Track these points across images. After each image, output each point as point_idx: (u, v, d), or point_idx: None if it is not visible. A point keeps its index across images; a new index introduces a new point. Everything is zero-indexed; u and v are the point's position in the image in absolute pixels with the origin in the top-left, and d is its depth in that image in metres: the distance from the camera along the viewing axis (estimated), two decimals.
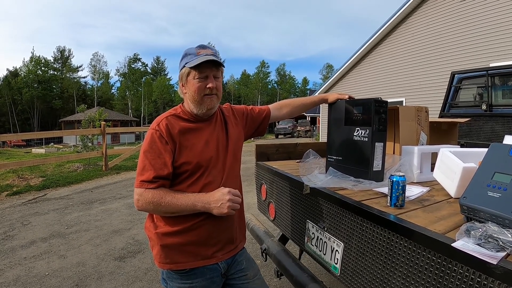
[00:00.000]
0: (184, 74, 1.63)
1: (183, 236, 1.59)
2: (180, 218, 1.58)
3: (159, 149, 1.54)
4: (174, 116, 1.66)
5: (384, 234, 1.39)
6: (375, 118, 1.91)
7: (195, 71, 1.59)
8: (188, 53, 1.63)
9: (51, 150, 24.92)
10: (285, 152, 3.12)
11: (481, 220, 1.17)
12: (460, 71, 4.75)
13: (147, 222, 1.71)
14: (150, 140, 1.57)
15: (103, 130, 10.59)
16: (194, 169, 1.60)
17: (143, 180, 1.51)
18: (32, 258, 4.08)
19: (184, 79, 1.64)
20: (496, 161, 1.30)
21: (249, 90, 74.79)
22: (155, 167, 1.52)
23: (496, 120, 3.93)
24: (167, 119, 1.63)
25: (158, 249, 1.62)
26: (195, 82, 1.61)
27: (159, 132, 1.56)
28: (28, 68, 63.09)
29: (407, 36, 13.15)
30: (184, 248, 1.61)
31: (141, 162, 1.55)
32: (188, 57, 1.62)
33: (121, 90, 71.49)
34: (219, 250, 1.69)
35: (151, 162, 1.52)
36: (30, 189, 7.88)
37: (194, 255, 1.62)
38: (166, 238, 1.60)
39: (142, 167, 1.54)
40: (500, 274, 0.93)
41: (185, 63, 1.61)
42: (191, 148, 1.60)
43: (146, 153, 1.55)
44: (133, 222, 5.47)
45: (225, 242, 1.71)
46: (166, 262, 1.61)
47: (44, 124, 63.85)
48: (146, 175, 1.51)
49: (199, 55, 1.60)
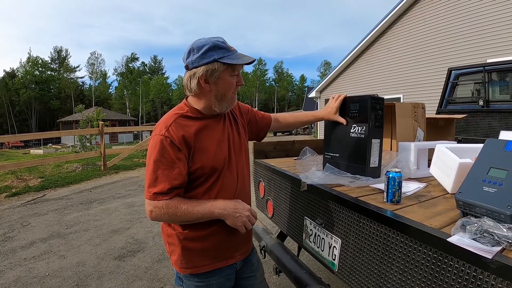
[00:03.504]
0: (217, 70, 1.45)
1: (206, 241, 1.55)
2: (201, 223, 1.51)
3: (172, 158, 1.41)
4: (183, 117, 1.52)
5: (381, 230, 1.40)
6: (372, 114, 1.91)
7: (231, 69, 1.49)
8: (219, 46, 1.45)
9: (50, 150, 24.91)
10: (283, 150, 3.13)
11: (477, 215, 1.18)
12: (457, 67, 4.77)
13: (164, 227, 1.63)
14: (160, 148, 1.42)
15: (101, 130, 10.56)
16: (210, 173, 1.51)
17: (156, 192, 1.40)
18: (32, 259, 4.08)
19: (215, 75, 1.46)
20: (492, 157, 1.30)
21: (247, 87, 74.73)
22: (169, 178, 1.41)
23: (493, 116, 3.94)
24: (176, 122, 1.48)
25: (179, 254, 1.56)
26: (231, 80, 1.51)
27: (169, 138, 1.42)
28: (26, 69, 63.06)
29: (404, 33, 13.16)
30: (206, 252, 1.57)
31: (152, 172, 1.42)
32: (220, 51, 1.45)
33: (119, 90, 71.49)
34: (238, 249, 1.67)
35: (163, 172, 1.40)
36: (29, 190, 7.86)
37: (215, 256, 1.59)
38: (189, 242, 1.54)
39: (154, 178, 1.41)
40: (496, 268, 0.94)
41: (219, 57, 1.44)
42: (205, 151, 1.50)
43: (157, 162, 1.41)
44: (132, 222, 5.47)
45: (243, 243, 1.71)
46: (187, 267, 1.56)
47: (42, 125, 63.78)
48: (159, 187, 1.40)
49: (233, 51, 1.49)
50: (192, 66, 1.47)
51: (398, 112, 2.42)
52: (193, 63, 1.46)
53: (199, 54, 1.45)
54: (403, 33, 13.26)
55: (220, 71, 1.46)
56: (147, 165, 1.46)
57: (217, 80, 1.48)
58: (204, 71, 1.44)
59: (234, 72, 1.51)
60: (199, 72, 1.45)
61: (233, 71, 1.50)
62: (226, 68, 1.47)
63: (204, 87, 1.48)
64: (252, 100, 74.43)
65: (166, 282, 3.48)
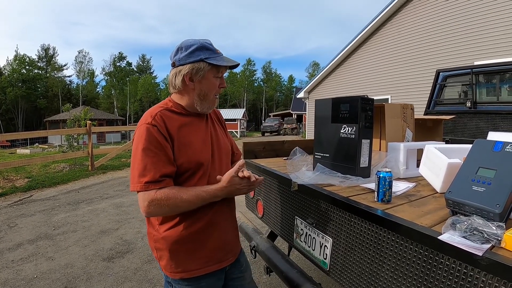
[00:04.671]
0: (202, 69, 1.50)
1: (194, 243, 1.54)
2: (186, 222, 1.51)
3: (160, 145, 1.41)
4: (167, 110, 1.53)
5: (372, 229, 1.41)
6: (362, 115, 1.93)
7: (216, 70, 1.54)
8: (206, 48, 1.51)
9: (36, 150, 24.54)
10: (272, 150, 3.14)
11: (466, 213, 1.20)
12: (445, 69, 4.83)
13: (151, 231, 1.60)
14: (147, 135, 1.41)
15: (88, 129, 10.47)
16: (196, 169, 1.51)
17: (147, 181, 1.37)
18: (20, 261, 4.03)
19: (200, 74, 1.50)
20: (480, 157, 1.33)
21: (235, 88, 74.64)
22: (159, 165, 1.39)
23: (480, 117, 4.00)
24: (162, 113, 1.49)
25: (168, 258, 1.53)
26: (214, 81, 1.55)
27: (156, 127, 1.42)
28: (12, 67, 62.04)
29: (393, 35, 13.27)
30: (197, 254, 1.55)
31: (140, 161, 1.39)
32: (207, 52, 1.51)
33: (107, 89, 70.85)
34: (229, 251, 1.67)
35: (152, 160, 1.39)
36: (15, 191, 7.75)
37: (207, 260, 1.57)
38: (177, 245, 1.52)
39: (143, 167, 1.39)
40: (486, 265, 0.96)
41: (205, 57, 1.49)
42: (189, 146, 1.50)
43: (145, 150, 1.39)
44: (120, 222, 5.43)
45: (232, 243, 1.71)
46: (178, 271, 1.54)
47: (28, 124, 62.86)
48: (150, 175, 1.37)
49: (219, 54, 1.55)
50: (178, 64, 1.52)
51: (388, 113, 2.44)
52: (180, 61, 1.52)
53: (186, 53, 1.50)
54: (391, 35, 13.37)
55: (205, 71, 1.51)
56: (133, 156, 1.45)
57: (201, 79, 1.52)
58: (190, 69, 1.50)
59: (218, 73, 1.57)
60: (185, 69, 1.50)
61: (217, 73, 1.56)
62: (211, 69, 1.52)
63: (188, 85, 1.53)
64: (240, 100, 74.35)
65: (156, 283, 3.46)
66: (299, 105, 39.03)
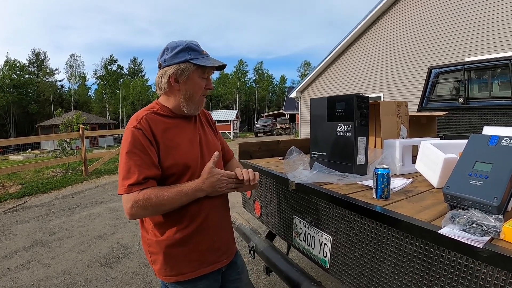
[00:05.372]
0: (187, 70, 1.50)
1: (188, 246, 1.53)
2: (179, 225, 1.51)
3: (144, 148, 1.41)
4: (154, 113, 1.54)
5: (371, 225, 1.42)
6: (358, 113, 1.95)
7: (201, 71, 1.54)
8: (192, 48, 1.52)
9: (29, 156, 24.38)
10: (268, 150, 3.14)
11: (464, 207, 1.21)
12: (437, 66, 4.87)
13: (144, 234, 1.60)
14: (131, 139, 1.42)
15: (81, 134, 10.40)
16: (183, 171, 1.51)
17: (130, 184, 1.37)
18: (16, 268, 3.99)
19: (185, 74, 1.50)
20: (477, 151, 1.34)
21: (228, 89, 74.63)
22: (142, 167, 1.39)
23: (473, 113, 4.04)
24: (147, 116, 1.50)
25: (161, 262, 1.53)
26: (200, 81, 1.55)
27: (141, 130, 1.43)
28: (3, 72, 61.45)
29: (384, 33, 13.34)
30: (190, 257, 1.55)
31: (125, 164, 1.40)
32: (192, 52, 1.52)
33: (98, 93, 70.52)
34: (223, 253, 1.67)
35: (136, 162, 1.39)
36: (9, 197, 7.68)
37: (200, 262, 1.57)
38: (170, 249, 1.52)
39: (127, 169, 1.39)
40: (486, 257, 0.97)
41: (190, 58, 1.50)
42: (176, 148, 1.51)
43: (129, 153, 1.40)
44: (116, 227, 5.41)
45: (226, 245, 1.70)
46: (172, 275, 1.54)
47: (20, 130, 62.30)
48: (133, 178, 1.38)
49: (205, 55, 1.55)
50: (164, 65, 1.53)
51: (382, 110, 2.46)
52: (166, 62, 1.52)
53: (172, 54, 1.51)
54: (382, 33, 13.44)
55: (190, 71, 1.51)
56: (120, 159, 1.46)
57: (186, 80, 1.52)
58: (175, 70, 1.50)
59: (204, 74, 1.56)
60: (170, 70, 1.50)
61: (203, 73, 1.56)
62: (196, 69, 1.52)
63: (173, 86, 1.54)
64: (233, 101, 74.33)
65: (154, 287, 3.45)
66: (291, 105, 39.13)
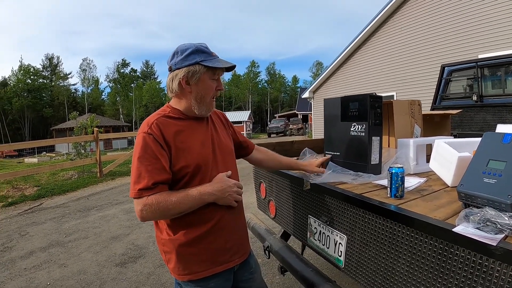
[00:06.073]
0: (197, 72, 1.51)
1: (200, 245, 1.56)
2: (193, 225, 1.54)
3: (155, 153, 1.44)
4: (165, 117, 1.56)
5: (386, 224, 1.43)
6: (371, 113, 1.96)
7: (212, 72, 1.55)
8: (201, 51, 1.54)
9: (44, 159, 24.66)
10: (282, 150, 3.14)
11: (479, 205, 1.22)
12: (450, 63, 4.82)
13: (158, 234, 1.64)
14: (142, 144, 1.45)
15: (96, 136, 10.54)
16: (194, 172, 1.53)
17: (141, 188, 1.41)
18: (33, 269, 4.07)
19: (195, 76, 1.52)
20: (490, 149, 1.34)
21: (240, 90, 74.77)
22: (152, 173, 1.42)
23: (486, 110, 4.00)
24: (158, 120, 1.52)
25: (175, 261, 1.56)
26: (211, 83, 1.57)
27: (152, 135, 1.45)
28: (17, 77, 62.55)
29: (395, 31, 13.23)
30: (202, 256, 1.57)
31: (136, 169, 1.44)
32: (202, 54, 1.53)
33: (112, 96, 71.22)
34: (235, 253, 1.68)
35: (147, 168, 1.42)
36: (25, 199, 7.83)
37: (213, 262, 1.59)
38: (183, 248, 1.55)
39: (138, 174, 1.43)
40: (501, 255, 0.98)
41: (200, 60, 1.51)
42: (188, 150, 1.52)
43: (140, 159, 1.44)
44: (131, 228, 5.47)
45: (239, 244, 1.72)
46: (185, 274, 1.57)
47: (35, 133, 63.21)
48: (143, 183, 1.41)
49: (214, 57, 1.56)
50: (175, 68, 1.54)
51: (396, 109, 2.46)
52: (176, 65, 1.53)
53: (182, 57, 1.52)
54: (394, 31, 13.33)
55: (200, 73, 1.52)
56: (132, 163, 1.49)
57: (197, 82, 1.54)
58: (185, 72, 1.51)
59: (214, 76, 1.58)
60: (181, 73, 1.52)
61: (213, 75, 1.57)
62: (206, 71, 1.53)
63: (184, 88, 1.55)
64: (245, 102, 74.40)
65: (169, 287, 3.48)
66: (304, 105, 39.05)
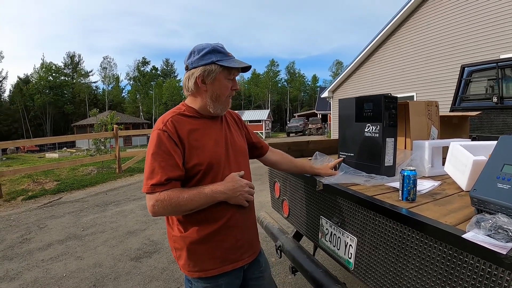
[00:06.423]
0: (213, 72, 1.54)
1: (211, 243, 1.57)
2: (204, 223, 1.55)
3: (168, 150, 1.46)
4: (179, 115, 1.58)
5: (396, 228, 1.41)
6: (385, 114, 1.93)
7: (227, 72, 1.57)
8: (218, 51, 1.56)
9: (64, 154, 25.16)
10: (298, 150, 3.14)
11: (491, 211, 1.19)
12: (470, 64, 4.73)
13: (169, 230, 1.66)
14: (157, 141, 1.48)
15: (115, 133, 10.68)
16: (206, 170, 1.54)
17: (153, 184, 1.43)
18: (50, 260, 4.17)
19: (211, 75, 1.54)
20: (506, 153, 1.31)
21: (260, 89, 74.77)
22: (166, 169, 1.44)
23: (507, 113, 3.91)
24: (173, 118, 1.54)
25: (185, 258, 1.58)
26: (226, 82, 1.59)
27: (166, 132, 1.48)
28: (39, 75, 63.78)
29: (416, 30, 13.04)
30: (213, 254, 1.58)
31: (150, 165, 1.46)
32: (218, 54, 1.55)
33: (132, 94, 72.03)
34: (245, 251, 1.68)
35: (160, 164, 1.44)
36: (45, 193, 8.01)
37: (223, 260, 1.59)
38: (194, 245, 1.56)
39: (151, 170, 1.45)
40: (510, 264, 0.95)
41: (216, 60, 1.54)
42: (202, 149, 1.54)
43: (154, 155, 1.46)
44: (148, 223, 5.53)
45: (249, 243, 1.72)
46: (195, 271, 1.58)
47: (56, 129, 64.48)
48: (156, 178, 1.43)
49: (230, 57, 1.58)
50: (191, 67, 1.57)
51: (412, 110, 2.43)
52: (193, 64, 1.56)
53: (198, 56, 1.55)
54: (414, 31, 13.14)
55: (216, 73, 1.54)
56: (146, 159, 1.51)
57: (213, 81, 1.56)
58: (202, 71, 1.54)
59: (230, 75, 1.60)
60: (197, 72, 1.55)
61: (229, 75, 1.59)
62: (222, 71, 1.55)
63: (200, 87, 1.57)
64: (265, 101, 74.37)
65: (182, 283, 3.50)
66: (323, 104, 38.81)
